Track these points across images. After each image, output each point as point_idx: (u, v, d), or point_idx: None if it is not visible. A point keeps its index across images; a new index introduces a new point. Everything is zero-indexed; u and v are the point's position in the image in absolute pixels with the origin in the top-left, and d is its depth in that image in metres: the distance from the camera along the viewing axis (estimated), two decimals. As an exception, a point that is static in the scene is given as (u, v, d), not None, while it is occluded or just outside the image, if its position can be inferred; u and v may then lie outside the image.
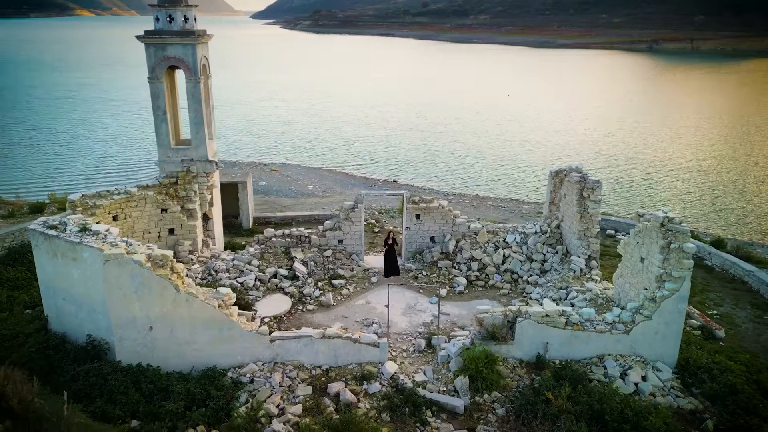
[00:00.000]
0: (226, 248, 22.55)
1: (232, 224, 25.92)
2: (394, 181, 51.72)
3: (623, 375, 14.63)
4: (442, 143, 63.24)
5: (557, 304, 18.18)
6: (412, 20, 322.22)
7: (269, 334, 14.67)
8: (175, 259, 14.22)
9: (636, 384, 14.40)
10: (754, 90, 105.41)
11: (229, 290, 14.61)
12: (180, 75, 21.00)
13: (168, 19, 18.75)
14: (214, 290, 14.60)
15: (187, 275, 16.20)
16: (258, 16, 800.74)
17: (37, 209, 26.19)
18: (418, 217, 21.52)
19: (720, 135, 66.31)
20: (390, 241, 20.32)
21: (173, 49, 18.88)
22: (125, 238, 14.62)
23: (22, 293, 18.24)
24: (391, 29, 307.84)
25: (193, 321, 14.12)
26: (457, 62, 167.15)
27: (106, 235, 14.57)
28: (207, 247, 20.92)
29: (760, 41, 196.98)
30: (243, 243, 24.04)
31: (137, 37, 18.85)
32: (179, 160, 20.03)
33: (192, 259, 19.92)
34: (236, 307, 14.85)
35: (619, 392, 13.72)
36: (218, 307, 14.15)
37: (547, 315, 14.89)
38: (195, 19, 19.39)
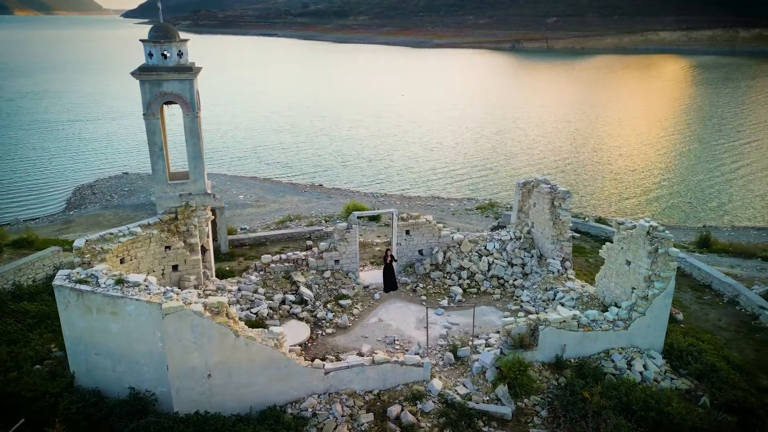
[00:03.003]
0: (216, 276, 21.50)
1: (209, 249, 24.67)
2: (320, 185, 51.32)
3: (629, 366, 16.11)
4: (351, 147, 62.97)
5: (547, 305, 19.59)
6: (294, 21, 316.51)
7: (323, 367, 14.43)
8: (228, 305, 13.56)
9: (641, 372, 15.93)
10: (610, 83, 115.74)
11: (281, 329, 14.13)
12: (168, 109, 19.67)
13: (162, 55, 17.45)
14: (267, 330, 14.09)
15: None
16: (130, 14, 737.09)
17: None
18: (407, 232, 21.85)
19: (589, 128, 72.29)
20: (389, 260, 20.54)
21: (169, 85, 17.62)
22: (170, 287, 13.68)
23: (23, 348, 16.35)
24: (274, 29, 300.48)
25: (252, 364, 13.57)
26: (345, 62, 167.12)
27: (147, 286, 13.59)
28: (208, 279, 19.87)
29: (601, 40, 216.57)
30: (227, 268, 22.98)
31: (132, 73, 17.33)
32: (177, 195, 18.81)
33: (200, 294, 18.84)
34: (288, 344, 14.45)
35: (635, 383, 15.13)
36: (275, 347, 13.71)
37: (564, 321, 15.97)
38: (188, 53, 18.20)
